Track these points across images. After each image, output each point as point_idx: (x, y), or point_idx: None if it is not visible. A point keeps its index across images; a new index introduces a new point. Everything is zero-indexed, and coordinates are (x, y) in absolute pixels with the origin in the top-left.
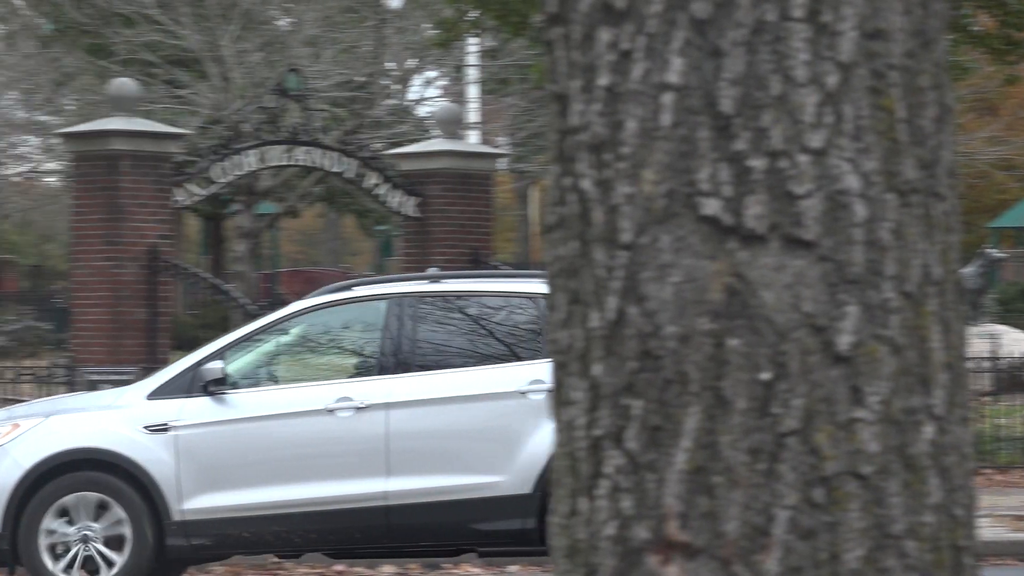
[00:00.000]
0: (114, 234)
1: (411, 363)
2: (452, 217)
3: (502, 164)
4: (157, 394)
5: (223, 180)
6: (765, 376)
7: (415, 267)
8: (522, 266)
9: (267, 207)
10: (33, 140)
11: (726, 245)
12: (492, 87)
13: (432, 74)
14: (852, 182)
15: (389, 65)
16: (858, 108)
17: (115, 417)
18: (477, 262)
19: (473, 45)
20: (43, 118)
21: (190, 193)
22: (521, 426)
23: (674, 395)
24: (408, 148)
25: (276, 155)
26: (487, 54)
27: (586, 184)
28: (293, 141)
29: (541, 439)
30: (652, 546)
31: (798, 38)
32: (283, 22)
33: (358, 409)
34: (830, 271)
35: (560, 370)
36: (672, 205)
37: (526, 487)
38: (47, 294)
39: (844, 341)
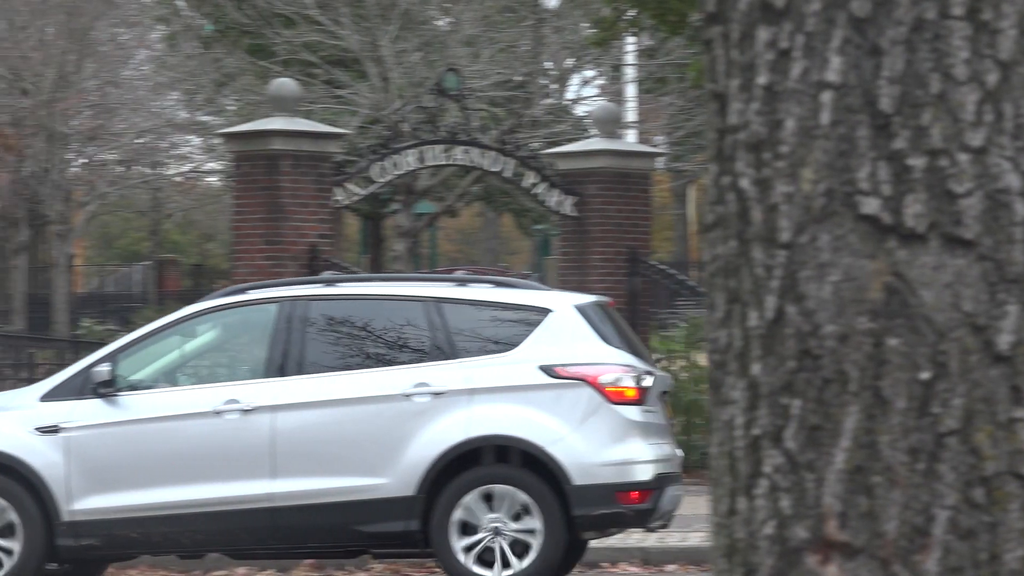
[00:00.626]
0: (274, 233)
1: (299, 366)
2: (610, 216)
3: (660, 163)
4: (50, 396)
5: (382, 179)
6: (925, 375)
7: (573, 266)
8: (680, 265)
9: (426, 206)
10: (195, 140)
11: (885, 244)
12: (650, 86)
13: (590, 73)
14: (1012, 180)
15: (547, 64)
16: (1018, 106)
17: (8, 419)
18: (634, 261)
19: (631, 44)
20: (204, 118)
21: (350, 192)
22: (405, 429)
23: (833, 394)
24: (566, 147)
25: (435, 154)
26: (645, 53)
27: (745, 183)
28: (452, 140)
29: (425, 441)
30: (811, 546)
31: (958, 36)
32: (442, 22)
33: (245, 412)
34: (990, 270)
35: (718, 369)
36: (831, 204)
37: (410, 489)
38: (209, 293)
39: (1004, 340)
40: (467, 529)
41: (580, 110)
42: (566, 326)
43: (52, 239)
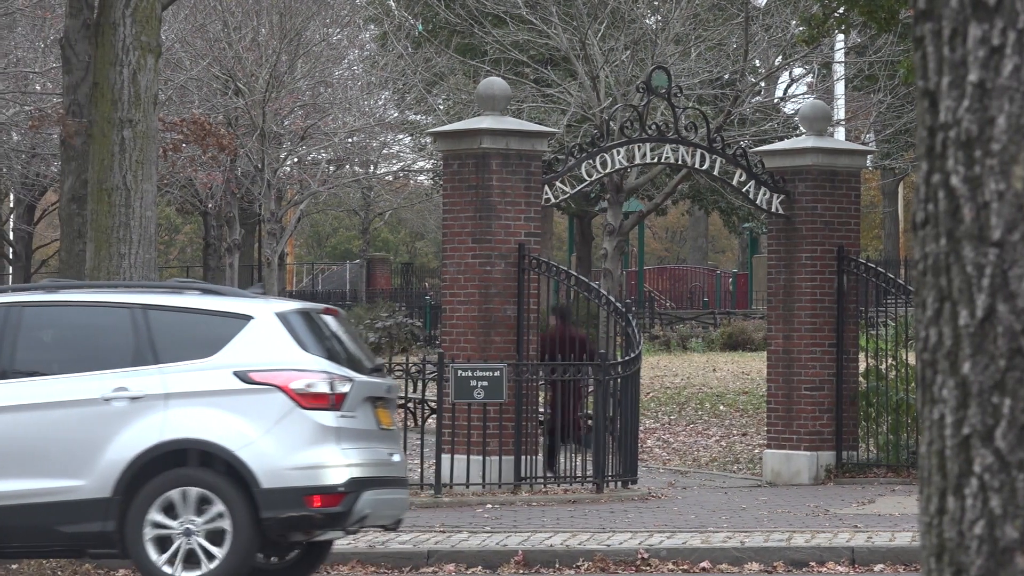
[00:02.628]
0: (483, 232)
1: (6, 370)
2: (819, 214)
3: (869, 161)
4: None
5: (591, 178)
6: None
7: (781, 264)
8: (889, 263)
9: (634, 204)
10: (405, 139)
11: None
12: (859, 83)
13: (799, 71)
14: None
15: (755, 62)
16: None
17: None
18: (843, 259)
19: (840, 41)
20: (414, 117)
21: (558, 191)
22: (103, 431)
23: None
24: (775, 145)
25: (643, 153)
26: (854, 50)
27: (955, 181)
28: (660, 139)
29: (120, 445)
30: (1021, 546)
31: None
32: (651, 20)
33: None
34: None
35: (928, 368)
36: None
37: (106, 491)
38: (418, 291)
39: None
40: (160, 530)
41: (789, 108)
42: (265, 333)
43: (264, 237)
